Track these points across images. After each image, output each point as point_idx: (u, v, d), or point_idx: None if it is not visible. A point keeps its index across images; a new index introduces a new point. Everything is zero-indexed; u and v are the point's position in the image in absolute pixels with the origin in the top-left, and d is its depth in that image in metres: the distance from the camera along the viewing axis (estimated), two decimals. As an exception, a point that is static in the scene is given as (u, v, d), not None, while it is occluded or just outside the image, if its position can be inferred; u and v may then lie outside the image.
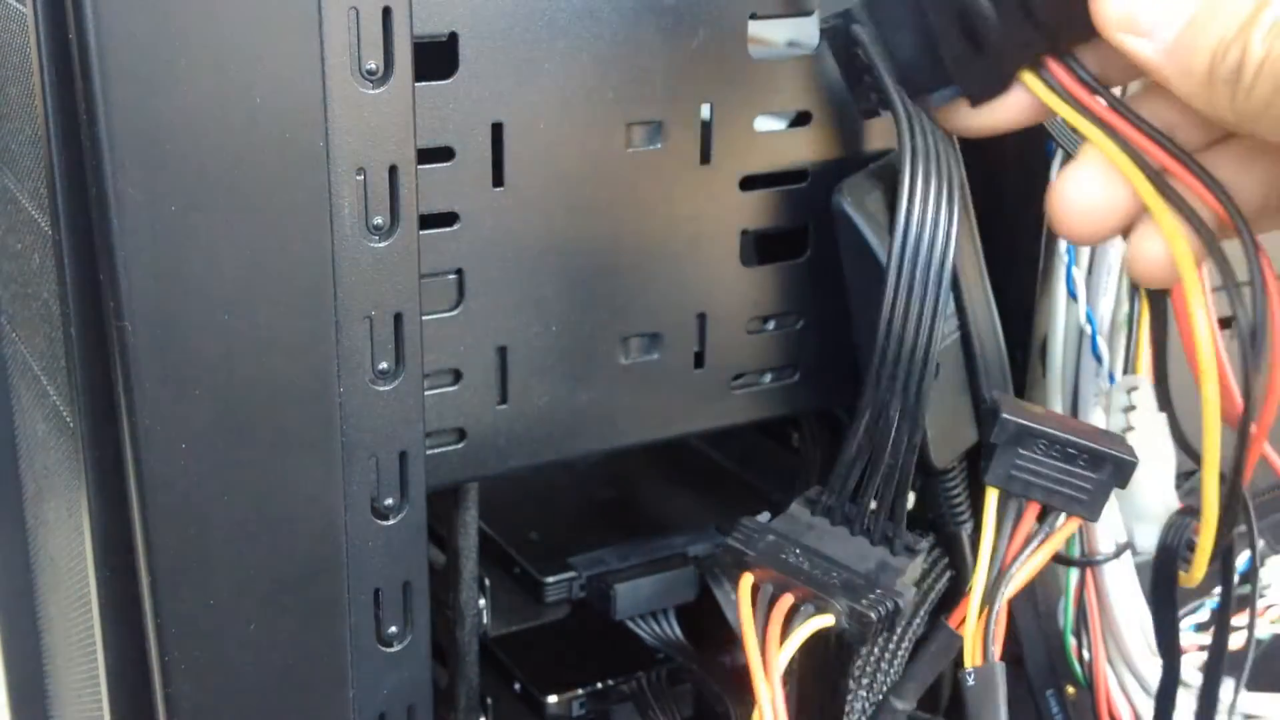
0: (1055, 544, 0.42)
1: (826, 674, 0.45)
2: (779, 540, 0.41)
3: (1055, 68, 0.37)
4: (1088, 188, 0.37)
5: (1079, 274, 0.49)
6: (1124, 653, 0.52)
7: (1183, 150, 0.36)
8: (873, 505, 0.41)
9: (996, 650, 0.41)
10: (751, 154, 0.45)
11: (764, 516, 0.42)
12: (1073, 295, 0.49)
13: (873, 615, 0.39)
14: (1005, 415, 0.41)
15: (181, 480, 0.37)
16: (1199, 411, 0.35)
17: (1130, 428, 0.48)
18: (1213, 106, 0.34)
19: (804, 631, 0.39)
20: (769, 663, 0.38)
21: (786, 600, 0.40)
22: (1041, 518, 0.42)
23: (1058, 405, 0.50)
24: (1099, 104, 0.37)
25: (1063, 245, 0.49)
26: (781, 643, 0.39)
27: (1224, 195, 0.35)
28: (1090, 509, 0.41)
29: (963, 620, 0.41)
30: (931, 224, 0.39)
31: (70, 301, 0.37)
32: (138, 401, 0.36)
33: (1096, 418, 0.50)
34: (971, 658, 0.41)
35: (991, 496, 0.41)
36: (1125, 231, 0.38)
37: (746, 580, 0.40)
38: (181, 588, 0.38)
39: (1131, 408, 0.49)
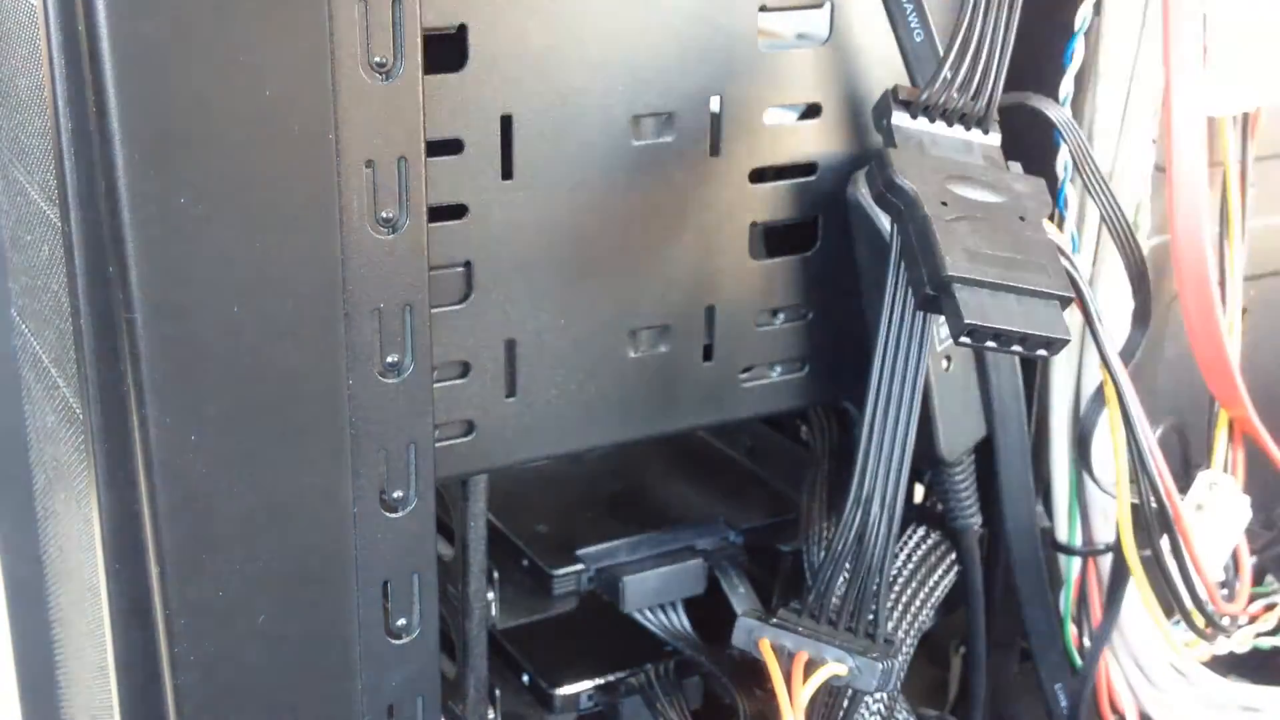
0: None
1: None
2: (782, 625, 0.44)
3: None
4: None
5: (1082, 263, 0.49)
6: (1127, 643, 0.52)
7: None
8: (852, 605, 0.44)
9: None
10: (761, 146, 0.45)
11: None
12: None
13: (880, 665, 0.42)
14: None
15: (191, 472, 0.37)
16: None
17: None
18: None
19: (823, 674, 0.42)
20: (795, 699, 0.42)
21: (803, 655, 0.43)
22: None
23: (1067, 390, 0.50)
24: None
25: (1067, 239, 0.49)
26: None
27: None
28: None
29: None
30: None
31: (80, 293, 0.37)
32: (147, 393, 0.36)
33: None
34: None
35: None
36: None
37: (765, 642, 0.44)
38: (190, 579, 0.38)
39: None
